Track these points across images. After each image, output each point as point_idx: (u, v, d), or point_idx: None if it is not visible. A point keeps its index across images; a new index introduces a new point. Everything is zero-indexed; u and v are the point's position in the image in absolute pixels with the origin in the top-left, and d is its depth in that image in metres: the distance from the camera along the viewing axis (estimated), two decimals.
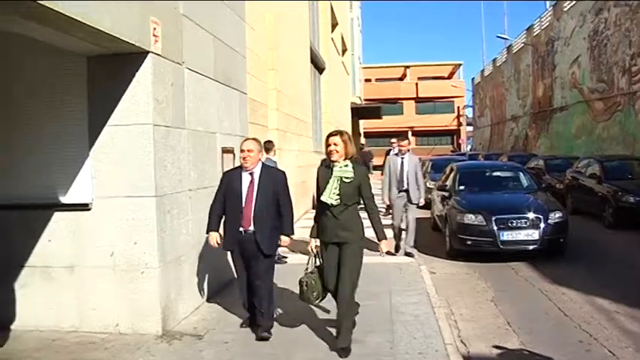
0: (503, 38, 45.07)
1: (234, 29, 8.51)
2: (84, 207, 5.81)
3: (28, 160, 6.01)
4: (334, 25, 26.54)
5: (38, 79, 5.99)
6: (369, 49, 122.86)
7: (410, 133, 57.68)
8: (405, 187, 10.02)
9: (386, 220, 13.86)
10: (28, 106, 6.01)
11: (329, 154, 5.28)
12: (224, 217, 5.83)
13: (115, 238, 5.79)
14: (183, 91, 6.47)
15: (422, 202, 10.30)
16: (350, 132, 18.22)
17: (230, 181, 5.77)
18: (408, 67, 69.51)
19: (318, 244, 5.51)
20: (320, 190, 5.31)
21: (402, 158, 10.16)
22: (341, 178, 5.21)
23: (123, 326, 5.85)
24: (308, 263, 5.64)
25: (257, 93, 10.37)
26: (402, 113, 64.57)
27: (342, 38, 30.77)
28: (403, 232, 10.29)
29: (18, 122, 6.05)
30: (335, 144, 5.24)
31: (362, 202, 5.39)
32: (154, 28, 5.74)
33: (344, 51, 31.98)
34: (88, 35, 4.88)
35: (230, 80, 8.15)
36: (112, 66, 5.70)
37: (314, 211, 5.68)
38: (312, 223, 5.59)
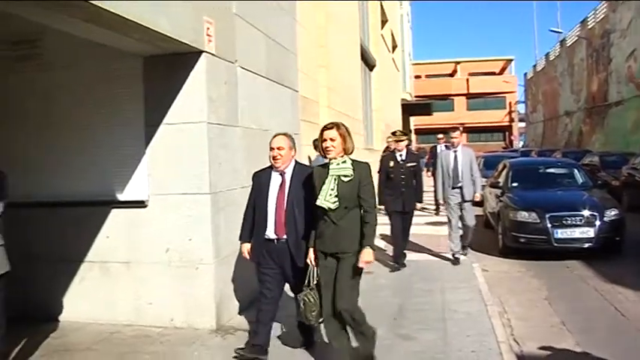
0: (556, 32, 44.21)
1: (286, 27, 8.56)
2: (140, 204, 5.95)
3: (88, 159, 6.16)
4: (384, 22, 26.40)
5: (97, 79, 6.14)
6: (419, 46, 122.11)
7: (461, 130, 56.92)
8: (460, 183, 9.10)
9: (433, 218, 13.90)
10: (87, 107, 6.17)
11: (325, 150, 4.57)
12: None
13: (170, 234, 5.90)
14: (237, 90, 6.54)
15: (478, 198, 9.43)
16: (401, 128, 18.20)
17: (259, 183, 5.13)
18: (458, 62, 68.81)
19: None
20: (316, 193, 4.58)
21: (455, 152, 9.26)
22: (339, 177, 4.51)
23: (178, 321, 5.96)
24: (307, 277, 4.77)
25: (308, 90, 10.40)
26: (452, 110, 63.93)
27: (392, 35, 30.60)
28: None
29: (77, 122, 6.21)
30: (331, 139, 4.52)
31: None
32: (208, 28, 5.81)
33: (394, 47, 31.80)
34: (144, 36, 4.98)
35: (282, 78, 8.21)
36: (167, 65, 5.79)
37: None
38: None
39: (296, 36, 9.22)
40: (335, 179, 4.50)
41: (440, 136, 15.45)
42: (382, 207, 8.65)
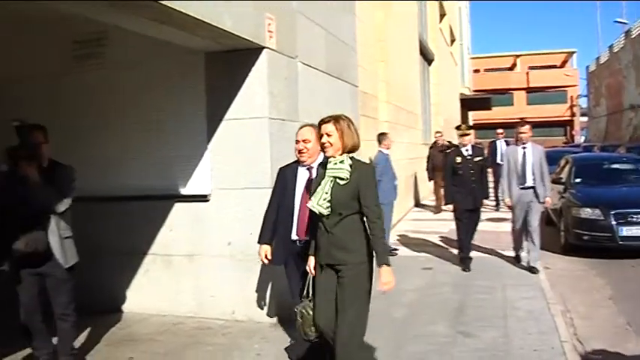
0: (621, 23, 42.77)
1: (346, 23, 8.56)
2: (203, 198, 6.05)
3: (153, 155, 6.30)
4: (442, 16, 26.08)
5: (160, 77, 6.26)
6: (477, 39, 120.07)
7: (530, 125, 55.71)
8: (531, 183, 8.24)
9: (493, 214, 13.67)
10: (150, 104, 6.30)
11: (322, 147, 4.03)
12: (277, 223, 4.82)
13: (232, 228, 5.97)
14: (297, 85, 6.57)
15: (548, 203, 8.66)
16: (460, 123, 17.85)
17: (284, 179, 4.75)
18: (518, 56, 67.31)
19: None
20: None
21: (524, 148, 8.36)
22: (335, 178, 3.91)
23: (239, 313, 6.03)
24: (306, 288, 4.26)
25: (367, 85, 10.36)
26: (512, 104, 62.61)
27: (451, 28, 30.19)
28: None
29: (142, 119, 6.35)
30: (327, 133, 3.93)
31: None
32: (269, 24, 5.86)
33: (452, 41, 31.37)
34: (208, 33, 5.08)
35: (341, 73, 8.20)
36: (229, 62, 5.87)
37: (417, 208, 5.22)
38: (420, 215, 5.30)
39: (356, 31, 9.20)
40: (331, 181, 3.92)
41: (499, 131, 15.16)
42: (447, 207, 8.46)
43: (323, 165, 4.07)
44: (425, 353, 5.13)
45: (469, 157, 8.40)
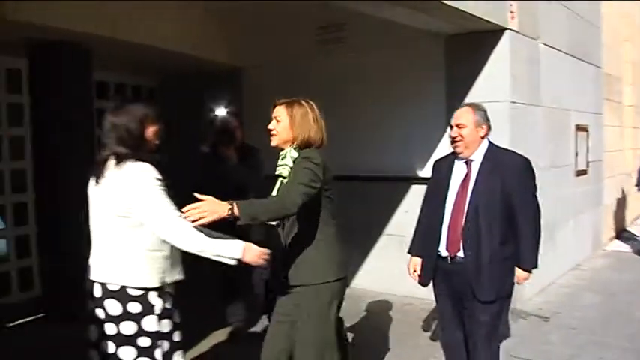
0: None
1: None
2: None
3: (391, 136, 6.42)
4: None
5: (399, 60, 6.35)
6: None
7: None
8: None
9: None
10: (390, 87, 6.42)
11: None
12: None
13: None
14: (538, 67, 6.31)
15: None
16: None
17: (438, 176, 3.71)
18: None
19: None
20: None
21: None
22: (280, 176, 3.08)
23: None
24: None
25: (611, 66, 9.61)
26: None
27: None
28: None
29: (381, 101, 6.48)
30: (276, 119, 3.11)
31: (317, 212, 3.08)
32: (511, 5, 5.68)
33: None
34: (449, 16, 5.04)
35: (583, 54, 7.72)
36: (469, 44, 5.79)
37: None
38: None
39: (599, 7, 8.59)
40: (279, 180, 3.10)
41: None
42: None
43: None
44: None
45: None
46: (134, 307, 2.62)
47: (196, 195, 2.61)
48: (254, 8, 6.59)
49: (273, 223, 3.04)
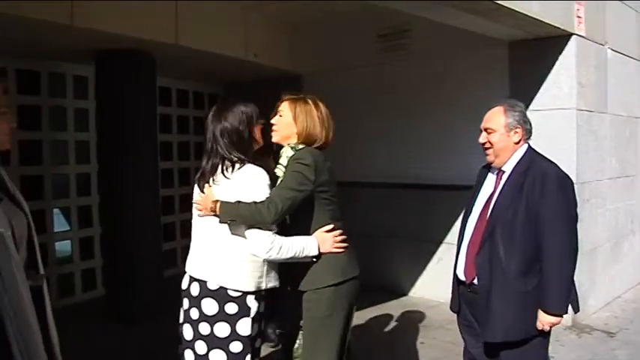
0: None
1: None
2: None
3: (455, 144, 6.30)
4: None
5: (461, 67, 6.26)
6: None
7: None
8: None
9: None
10: (451, 94, 6.34)
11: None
12: None
13: None
14: (606, 74, 6.12)
15: None
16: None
17: (475, 185, 3.33)
18: None
19: None
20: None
21: None
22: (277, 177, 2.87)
23: None
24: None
25: None
26: None
27: None
28: None
29: (441, 109, 6.39)
30: (279, 114, 2.97)
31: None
32: (578, 9, 5.52)
33: None
34: (514, 21, 4.95)
35: None
36: (534, 50, 5.66)
37: None
38: None
39: None
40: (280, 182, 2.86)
41: None
42: None
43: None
44: None
45: None
46: (231, 309, 2.62)
47: (198, 191, 2.75)
48: (315, 14, 6.62)
49: None
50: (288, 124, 2.90)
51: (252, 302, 2.65)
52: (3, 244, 1.95)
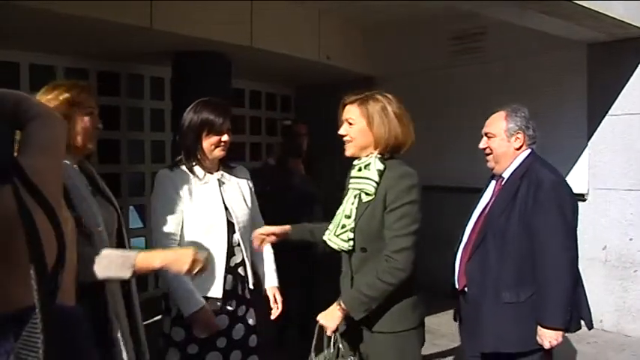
0: None
1: None
2: (579, 197, 5.74)
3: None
4: None
5: (537, 69, 6.10)
6: None
7: None
8: None
9: None
10: (527, 97, 6.14)
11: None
12: None
13: (609, 231, 5.60)
14: None
15: None
16: None
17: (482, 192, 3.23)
18: None
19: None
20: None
21: None
22: (359, 193, 2.48)
23: (607, 323, 5.65)
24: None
25: None
26: None
27: None
28: None
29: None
30: (348, 121, 2.51)
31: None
32: None
33: None
34: (596, 23, 4.83)
35: None
36: (614, 52, 5.51)
37: None
38: None
39: None
40: (355, 197, 2.50)
41: None
42: None
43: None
44: None
45: None
46: None
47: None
48: (389, 17, 6.59)
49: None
50: (363, 131, 2.46)
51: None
52: (99, 240, 2.09)
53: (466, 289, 2.89)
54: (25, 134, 1.06)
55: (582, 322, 2.89)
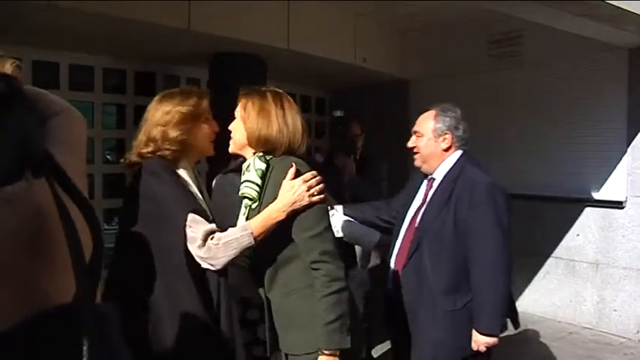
0: None
1: None
2: (617, 205, 5.67)
3: (563, 154, 6.09)
4: None
5: (576, 74, 6.00)
6: None
7: None
8: None
9: None
10: (564, 102, 6.11)
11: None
12: None
13: None
14: None
15: None
16: None
17: (409, 189, 3.14)
18: None
19: None
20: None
21: None
22: (246, 198, 2.21)
23: None
24: None
25: None
26: None
27: None
28: None
29: (554, 117, 6.16)
30: (235, 115, 2.31)
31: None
32: None
33: None
34: (638, 27, 4.74)
35: None
36: None
37: None
38: None
39: None
40: (245, 206, 2.25)
41: None
42: None
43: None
44: None
45: None
46: None
47: None
48: (426, 21, 6.57)
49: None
50: (238, 128, 2.27)
51: None
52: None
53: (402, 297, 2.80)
54: (48, 130, 1.00)
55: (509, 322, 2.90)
